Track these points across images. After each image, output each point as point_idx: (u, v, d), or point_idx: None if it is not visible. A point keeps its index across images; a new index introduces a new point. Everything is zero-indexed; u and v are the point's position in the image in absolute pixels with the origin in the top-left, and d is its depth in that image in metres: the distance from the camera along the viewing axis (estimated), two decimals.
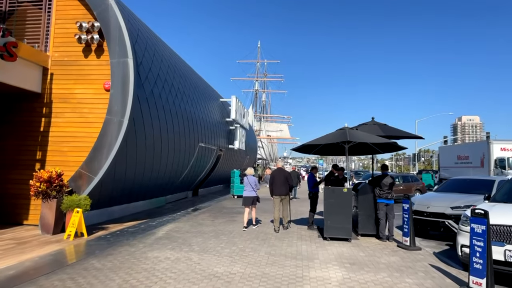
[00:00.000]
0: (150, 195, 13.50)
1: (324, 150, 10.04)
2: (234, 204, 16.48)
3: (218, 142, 19.84)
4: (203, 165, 18.11)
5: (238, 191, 19.84)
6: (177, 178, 15.15)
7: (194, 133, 15.33)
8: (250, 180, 9.92)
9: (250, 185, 9.85)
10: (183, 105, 13.84)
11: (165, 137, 12.21)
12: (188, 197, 19.05)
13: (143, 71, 10.35)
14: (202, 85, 18.63)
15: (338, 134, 8.40)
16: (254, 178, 10.04)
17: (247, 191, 9.91)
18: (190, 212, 13.44)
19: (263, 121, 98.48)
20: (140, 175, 11.33)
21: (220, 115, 20.92)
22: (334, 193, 8.64)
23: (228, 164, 23.94)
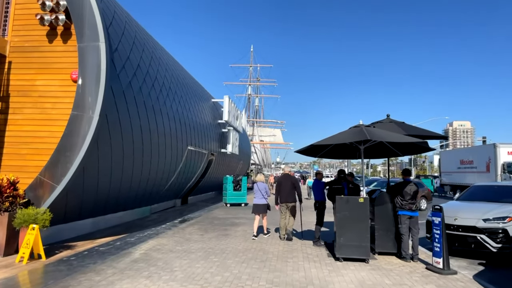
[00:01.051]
0: (131, 205, 11.85)
1: (332, 152, 8.57)
2: (227, 214, 14.89)
3: (209, 146, 18.27)
4: (193, 170, 16.52)
5: (231, 199, 18.26)
6: (162, 185, 13.53)
7: (182, 135, 13.76)
8: (260, 187, 9.39)
9: (260, 192, 9.36)
10: (169, 103, 12.28)
11: (147, 138, 10.62)
12: (177, 206, 17.39)
13: (119, 59, 8.79)
14: (191, 83, 17.11)
15: (354, 132, 6.94)
16: (264, 185, 9.49)
17: (257, 198, 9.41)
18: (177, 224, 11.81)
19: (256, 126, 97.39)
20: (117, 182, 9.71)
21: (211, 117, 19.37)
22: (348, 204, 7.15)
23: (220, 170, 22.35)
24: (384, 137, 6.44)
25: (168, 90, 12.25)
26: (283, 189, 8.85)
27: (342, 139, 6.78)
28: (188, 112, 14.57)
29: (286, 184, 8.80)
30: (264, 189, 9.36)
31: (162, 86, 11.75)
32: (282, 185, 8.88)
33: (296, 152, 7.85)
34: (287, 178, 8.93)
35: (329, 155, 8.62)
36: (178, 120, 13.20)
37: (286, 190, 8.80)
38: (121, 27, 9.28)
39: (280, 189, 8.91)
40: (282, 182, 8.94)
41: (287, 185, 8.79)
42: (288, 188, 8.81)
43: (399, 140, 6.36)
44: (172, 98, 12.69)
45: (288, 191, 8.81)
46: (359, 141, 7.33)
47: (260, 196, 9.35)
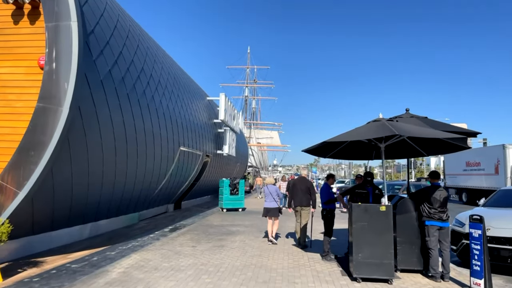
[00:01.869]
0: (116, 212, 10.61)
1: (344, 151, 7.39)
2: (223, 220, 13.67)
3: (204, 147, 17.06)
4: (186, 173, 15.29)
5: (227, 203, 17.04)
6: (152, 189, 12.30)
7: (174, 134, 12.55)
8: (271, 189, 9.06)
9: (271, 195, 8.99)
10: (157, 98, 11.07)
11: (132, 137, 9.41)
12: (169, 211, 16.14)
13: (96, 44, 7.58)
14: (184, 79, 15.93)
15: (376, 127, 5.77)
16: (275, 188, 9.17)
17: (268, 201, 9.06)
18: (167, 233, 10.57)
19: (253, 128, 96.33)
20: (96, 186, 8.48)
21: (207, 116, 18.18)
22: (367, 213, 5.98)
23: (216, 172, 21.14)
24: (417, 132, 5.27)
25: (157, 84, 11.05)
26: (297, 191, 8.51)
27: (362, 135, 5.61)
28: (180, 109, 13.36)
29: (301, 187, 8.48)
30: (275, 192, 9.04)
31: (150, 78, 10.55)
32: (296, 187, 8.56)
33: (304, 151, 6.69)
34: (303, 181, 8.59)
35: (340, 155, 7.44)
36: (169, 118, 11.99)
37: (300, 193, 8.47)
38: (100, 7, 8.08)
39: (293, 191, 8.58)
40: (296, 184, 8.62)
41: (301, 188, 8.47)
42: (303, 191, 8.46)
43: (437, 136, 5.20)
44: (162, 93, 11.49)
45: (302, 194, 8.46)
46: (379, 139, 6.16)
47: (271, 199, 9.02)
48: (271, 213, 9.01)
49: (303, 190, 8.42)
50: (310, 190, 8.40)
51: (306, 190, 8.41)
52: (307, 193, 8.40)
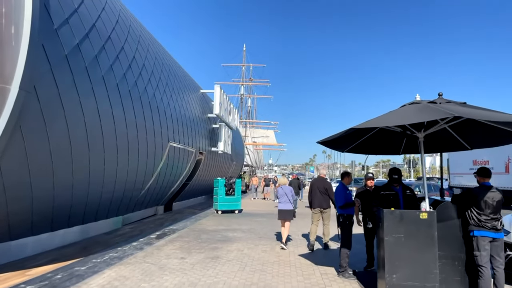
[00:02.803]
0: (93, 216, 9.19)
1: (367, 144, 6.02)
2: (218, 224, 12.28)
3: (197, 143, 15.65)
4: (177, 172, 13.88)
5: (223, 205, 15.65)
6: (137, 190, 10.88)
7: (162, 127, 11.14)
8: (286, 190, 8.55)
9: (286, 196, 8.49)
10: (142, 85, 9.65)
11: (110, 128, 8.00)
12: (158, 214, 14.71)
13: (59, 8, 6.14)
14: (175, 68, 14.52)
15: (419, 110, 4.41)
16: (290, 188, 8.65)
17: (283, 203, 8.53)
18: (153, 241, 9.17)
19: (248, 127, 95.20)
20: (65, 186, 7.06)
21: (200, 110, 16.76)
22: (404, 221, 4.65)
23: (210, 171, 19.73)
24: (481, 115, 3.93)
25: (141, 68, 9.64)
26: (316, 192, 8.28)
27: (402, 119, 4.25)
28: (170, 99, 11.94)
29: (320, 187, 8.24)
30: (290, 193, 8.54)
31: (133, 61, 9.13)
32: (314, 188, 8.32)
33: (320, 142, 5.34)
34: (321, 182, 8.38)
35: (362, 148, 6.08)
36: (156, 109, 10.57)
37: (319, 194, 8.24)
38: None
39: (312, 193, 8.34)
40: (314, 185, 8.37)
41: (320, 189, 8.23)
42: (322, 192, 8.23)
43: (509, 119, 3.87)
44: (148, 80, 10.07)
45: (321, 195, 8.24)
46: (418, 127, 4.83)
47: (285, 201, 8.50)
48: (286, 215, 8.52)
49: (322, 192, 8.18)
50: (328, 191, 8.17)
51: (325, 190, 8.18)
52: (326, 195, 8.19)
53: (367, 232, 6.46)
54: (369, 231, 6.40)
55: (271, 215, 15.36)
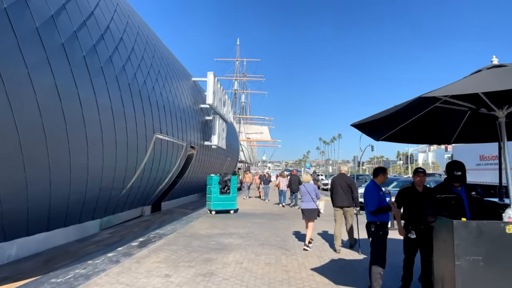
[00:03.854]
0: (60, 221, 7.62)
1: (411, 131, 4.51)
2: (212, 227, 10.78)
3: (188, 136, 14.09)
4: (166, 168, 12.33)
5: (217, 204, 14.15)
6: (117, 188, 9.32)
7: (147, 116, 9.57)
8: (309, 188, 8.13)
9: (309, 194, 8.06)
10: (119, 62, 8.05)
11: (76, 113, 6.41)
12: (145, 215, 13.15)
13: None
14: (164, 52, 12.92)
15: (502, 75, 2.93)
16: (313, 186, 8.25)
17: (306, 202, 8.10)
18: (133, 251, 7.64)
19: (242, 123, 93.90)
20: (18, 185, 5.48)
21: (192, 100, 15.17)
22: (482, 237, 3.19)
23: (203, 167, 18.18)
24: None
25: (118, 42, 8.04)
26: (337, 190, 7.95)
27: (485, 85, 2.79)
28: (155, 84, 10.35)
29: (341, 185, 7.91)
30: (314, 191, 8.09)
31: (106, 32, 7.51)
32: (336, 186, 7.99)
33: (354, 125, 3.88)
34: (343, 178, 8.02)
35: (401, 136, 4.57)
36: (138, 93, 8.99)
37: (341, 192, 7.90)
38: None
39: (334, 190, 8.00)
40: (336, 182, 8.03)
41: (342, 186, 7.90)
42: (344, 189, 7.89)
43: None
44: (127, 57, 8.48)
45: (343, 193, 7.89)
46: (497, 102, 3.37)
47: (308, 199, 8.04)
48: (310, 215, 7.96)
49: (344, 188, 7.82)
50: (351, 187, 7.83)
51: (347, 188, 7.82)
52: (348, 192, 7.83)
53: (409, 244, 5.01)
54: (411, 242, 4.96)
55: (270, 215, 13.92)
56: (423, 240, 4.76)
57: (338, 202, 7.92)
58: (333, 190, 8.06)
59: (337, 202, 7.93)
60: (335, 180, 8.13)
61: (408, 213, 5.00)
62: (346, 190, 7.87)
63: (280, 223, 11.93)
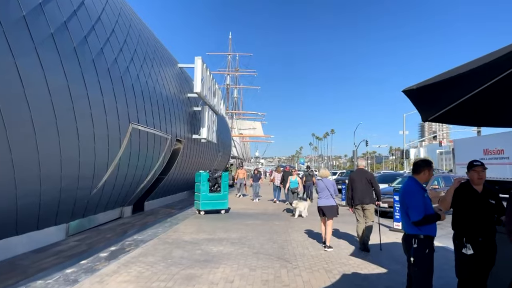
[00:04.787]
0: (10, 227, 6.16)
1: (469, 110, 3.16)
2: (199, 231, 9.40)
3: (174, 128, 12.63)
4: (147, 164, 10.88)
5: (206, 204, 12.77)
6: (85, 188, 7.87)
7: (120, 102, 8.11)
8: (327, 184, 7.53)
9: (328, 190, 7.47)
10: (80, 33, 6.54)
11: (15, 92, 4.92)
12: (124, 216, 11.70)
13: None
14: (145, 32, 11.40)
15: None
16: (332, 182, 7.65)
17: (323, 198, 7.48)
18: (99, 265, 6.22)
19: (235, 118, 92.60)
20: None
21: (177, 88, 13.68)
22: None
23: (192, 163, 16.74)
24: None
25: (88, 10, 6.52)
26: (357, 186, 7.47)
27: None
28: (131, 65, 8.84)
29: (361, 181, 7.47)
30: (333, 187, 7.66)
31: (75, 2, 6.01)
32: (355, 182, 7.52)
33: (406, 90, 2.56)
34: (362, 174, 7.59)
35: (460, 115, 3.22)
36: (106, 73, 7.46)
37: (360, 188, 7.43)
38: None
39: (353, 187, 7.52)
40: (355, 179, 7.57)
41: (361, 182, 7.45)
42: (364, 185, 7.43)
43: None
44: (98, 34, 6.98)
45: (363, 189, 7.42)
46: None
47: (327, 195, 7.60)
48: (328, 212, 7.40)
49: (364, 184, 7.36)
50: (372, 182, 7.39)
51: (367, 183, 7.37)
52: (369, 187, 7.39)
53: (463, 263, 3.66)
54: (466, 261, 3.62)
55: (265, 215, 12.58)
56: (483, 257, 3.47)
57: (358, 199, 7.38)
58: (351, 187, 7.51)
59: (357, 199, 7.39)
60: (353, 177, 7.55)
61: (461, 220, 3.70)
62: (367, 186, 7.39)
63: (277, 224, 10.60)
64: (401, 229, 10.13)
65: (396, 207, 10.07)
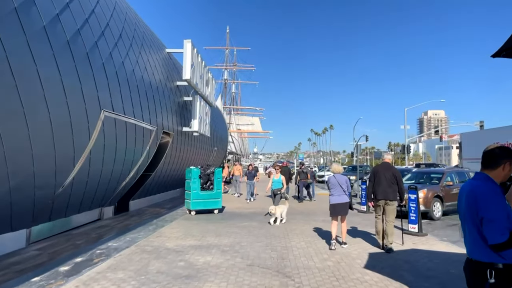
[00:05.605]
0: None
1: None
2: (186, 236, 8.14)
3: (160, 119, 11.33)
4: (128, 158, 9.59)
5: (197, 203, 11.53)
6: (47, 186, 6.59)
7: (88, 85, 6.80)
8: (340, 179, 7.07)
9: (340, 186, 7.02)
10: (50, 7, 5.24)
11: None
12: (105, 218, 10.43)
13: None
14: (131, 15, 10.07)
15: None
16: (345, 178, 7.16)
17: (336, 195, 7.04)
18: (53, 284, 4.97)
19: (233, 113, 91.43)
20: None
21: (164, 75, 12.36)
22: None
23: (184, 158, 15.46)
24: None
25: None
26: (381, 181, 6.93)
27: None
28: (101, 40, 7.51)
29: (386, 175, 6.90)
30: (346, 183, 7.08)
31: None
32: (379, 176, 6.96)
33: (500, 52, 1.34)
34: (387, 169, 6.97)
35: None
36: (66, 47, 6.15)
37: (384, 183, 6.88)
38: None
39: (376, 180, 7.01)
40: (379, 172, 7.00)
41: (386, 176, 6.90)
42: (388, 181, 6.88)
43: None
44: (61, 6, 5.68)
45: (387, 185, 6.87)
46: None
47: (340, 192, 7.04)
48: (341, 210, 7.06)
49: (388, 180, 6.96)
50: (397, 179, 6.95)
51: (392, 179, 6.96)
52: (393, 184, 6.98)
53: None
54: None
55: (262, 215, 11.34)
56: None
57: (381, 194, 7.01)
58: (374, 181, 7.10)
59: (379, 194, 7.02)
60: (378, 170, 7.16)
61: None
62: (391, 181, 6.96)
63: (275, 227, 9.38)
64: (417, 232, 8.96)
65: (411, 206, 8.84)
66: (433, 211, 11.51)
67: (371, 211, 12.65)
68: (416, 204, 8.78)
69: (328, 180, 7.36)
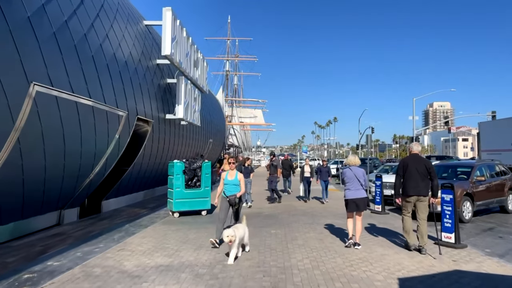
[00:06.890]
0: None
1: None
2: (156, 250, 6.24)
3: (133, 103, 9.38)
4: (87, 149, 7.68)
5: (180, 203, 9.66)
6: None
7: (7, 49, 4.87)
8: (357, 172, 6.49)
9: (358, 180, 6.44)
10: None
11: None
12: (65, 223, 8.57)
13: None
14: None
15: None
16: (362, 171, 6.57)
17: (353, 190, 6.43)
18: None
19: (235, 106, 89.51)
20: None
21: (140, 50, 10.38)
22: None
23: (171, 150, 13.54)
24: None
25: None
26: (412, 175, 6.23)
27: None
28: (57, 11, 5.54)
29: (418, 168, 6.21)
30: (363, 176, 6.52)
31: None
32: (410, 170, 6.27)
33: None
34: (418, 161, 6.27)
35: None
36: None
37: (415, 177, 6.20)
38: None
39: (407, 175, 6.30)
40: (410, 165, 6.29)
41: (418, 170, 6.20)
42: (421, 174, 6.18)
43: None
44: None
45: (420, 178, 6.17)
46: None
47: (357, 186, 6.43)
48: (359, 206, 6.35)
49: (421, 173, 6.17)
50: (430, 172, 6.14)
51: (425, 172, 6.15)
52: (426, 177, 6.17)
53: None
54: None
55: (258, 218, 9.44)
56: None
57: (412, 189, 6.28)
58: (404, 175, 6.41)
59: (410, 189, 6.29)
60: (408, 162, 6.41)
61: None
62: (424, 175, 6.24)
63: (272, 234, 7.48)
64: (454, 243, 7.03)
65: (445, 210, 6.88)
66: (463, 212, 9.61)
67: (387, 211, 10.80)
68: (452, 207, 6.82)
69: (344, 173, 6.65)
